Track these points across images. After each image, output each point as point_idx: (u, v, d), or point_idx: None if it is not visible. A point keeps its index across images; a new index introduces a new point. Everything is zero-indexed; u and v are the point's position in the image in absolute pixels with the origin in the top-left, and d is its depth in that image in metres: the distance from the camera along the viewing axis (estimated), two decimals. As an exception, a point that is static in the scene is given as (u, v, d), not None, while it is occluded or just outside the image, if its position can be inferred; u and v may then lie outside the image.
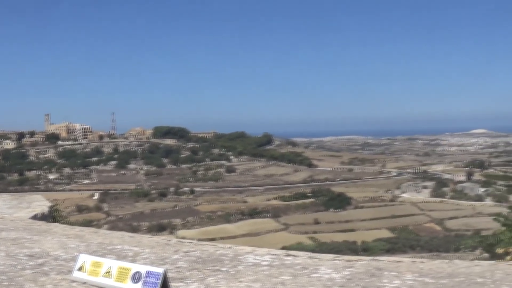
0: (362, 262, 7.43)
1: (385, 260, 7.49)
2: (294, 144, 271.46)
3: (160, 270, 5.95)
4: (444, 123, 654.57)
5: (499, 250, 7.83)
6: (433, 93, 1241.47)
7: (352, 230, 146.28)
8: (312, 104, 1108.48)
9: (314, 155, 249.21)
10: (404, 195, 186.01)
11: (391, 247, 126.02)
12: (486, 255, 8.12)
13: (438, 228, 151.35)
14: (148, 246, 8.97)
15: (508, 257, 7.64)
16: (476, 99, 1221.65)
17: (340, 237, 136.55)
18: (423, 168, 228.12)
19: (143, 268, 6.07)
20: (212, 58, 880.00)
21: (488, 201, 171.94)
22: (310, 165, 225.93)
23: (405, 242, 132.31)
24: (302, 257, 7.97)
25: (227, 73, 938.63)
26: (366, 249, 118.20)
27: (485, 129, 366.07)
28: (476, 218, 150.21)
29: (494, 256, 7.80)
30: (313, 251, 9.37)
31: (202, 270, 7.18)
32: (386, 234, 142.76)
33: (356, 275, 6.66)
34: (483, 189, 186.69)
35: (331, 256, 8.08)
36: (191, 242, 9.64)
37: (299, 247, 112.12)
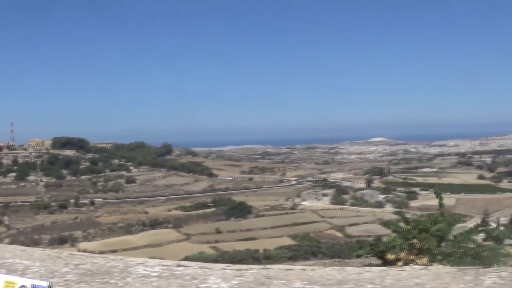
0: (252, 271, 7.26)
1: (275, 268, 7.35)
2: (194, 154, 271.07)
3: (44, 283, 5.64)
4: (343, 132, 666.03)
5: (390, 257, 7.81)
6: (332, 102, 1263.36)
7: (253, 239, 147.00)
8: (211, 114, 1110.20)
9: (214, 164, 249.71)
10: (304, 203, 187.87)
11: (293, 254, 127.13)
12: (378, 261, 8.07)
13: (339, 234, 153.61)
14: (39, 259, 8.62)
15: (400, 263, 7.62)
16: (375, 108, 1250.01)
17: (242, 246, 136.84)
18: (323, 176, 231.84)
19: (28, 282, 5.75)
20: (110, 67, 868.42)
21: (389, 207, 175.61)
22: (211, 175, 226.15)
23: (307, 249, 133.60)
24: (193, 267, 7.76)
25: (125, 82, 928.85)
26: (268, 257, 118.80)
27: (384, 138, 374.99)
28: (376, 224, 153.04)
29: (386, 263, 7.78)
30: (215, 260, 9.16)
31: (90, 283, 6.90)
32: (287, 241, 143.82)
33: (245, 284, 6.49)
34: (383, 196, 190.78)
35: (222, 265, 7.91)
36: (82, 255, 9.32)
37: (201, 257, 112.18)
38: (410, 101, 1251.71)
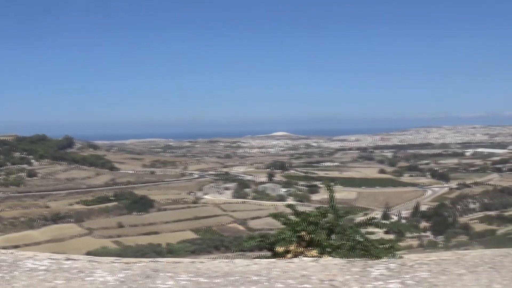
0: (141, 264, 7.14)
1: (164, 261, 7.25)
2: (95, 147, 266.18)
3: None
4: (245, 126, 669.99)
5: (279, 249, 7.82)
6: (234, 96, 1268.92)
7: (156, 233, 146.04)
8: (111, 107, 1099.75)
9: (116, 158, 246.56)
10: (206, 196, 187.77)
11: (196, 248, 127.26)
12: (268, 253, 8.07)
13: (241, 228, 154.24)
14: None
15: (289, 255, 7.64)
16: (277, 103, 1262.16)
17: (144, 240, 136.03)
18: (225, 170, 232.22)
19: None
20: (7, 59, 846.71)
21: (290, 201, 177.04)
22: (112, 168, 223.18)
23: (209, 242, 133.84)
24: (82, 260, 7.55)
25: (25, 74, 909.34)
26: (171, 251, 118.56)
27: (286, 132, 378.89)
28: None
29: (276, 255, 7.79)
30: (118, 255, 8.99)
31: (-24, 277, 6.66)
32: (190, 235, 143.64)
33: (131, 277, 6.36)
34: (284, 190, 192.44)
35: (111, 259, 7.73)
36: (-29, 250, 9.01)
37: (104, 251, 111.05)
38: (312, 96, 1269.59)
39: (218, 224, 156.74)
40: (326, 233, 7.87)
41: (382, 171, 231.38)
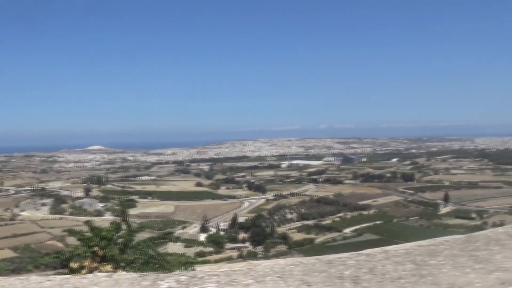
0: None
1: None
2: None
3: None
4: (61, 140, 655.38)
5: (74, 265, 7.74)
6: (50, 109, 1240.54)
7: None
8: None
9: None
10: (23, 213, 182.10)
11: (16, 267, 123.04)
12: (65, 270, 7.96)
13: (60, 245, 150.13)
14: None
15: (84, 271, 7.58)
16: (93, 117, 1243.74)
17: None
18: (41, 185, 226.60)
19: None
20: None
21: (108, 216, 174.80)
22: None
23: (29, 261, 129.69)
24: None
25: None
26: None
27: (102, 146, 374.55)
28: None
29: (72, 271, 7.70)
30: None
31: None
32: (9, 254, 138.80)
33: None
34: (102, 204, 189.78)
35: None
36: None
37: None
38: (127, 109, 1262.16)
39: (37, 242, 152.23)
40: (119, 248, 7.87)
41: (199, 184, 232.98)
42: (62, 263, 8.11)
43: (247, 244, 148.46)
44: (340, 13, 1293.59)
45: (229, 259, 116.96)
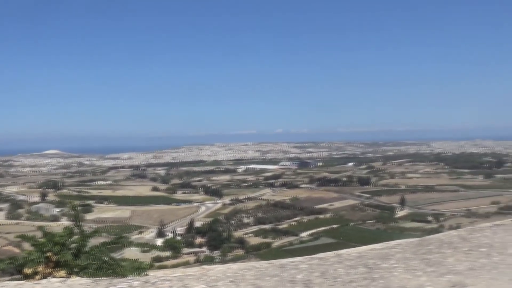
0: None
1: None
2: None
3: None
4: (18, 144, 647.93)
5: (28, 270, 7.69)
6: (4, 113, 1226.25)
7: None
8: None
9: None
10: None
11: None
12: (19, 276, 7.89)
13: (17, 250, 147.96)
14: None
15: (37, 277, 7.52)
16: (49, 120, 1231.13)
17: None
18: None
19: None
20: None
21: (64, 221, 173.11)
22: None
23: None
24: None
25: None
26: None
27: (58, 150, 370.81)
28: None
29: (26, 277, 7.64)
30: None
31: None
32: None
33: None
34: (58, 210, 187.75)
35: None
36: None
37: None
38: (84, 114, 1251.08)
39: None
40: (73, 253, 7.83)
41: (155, 189, 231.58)
42: (16, 269, 8.04)
43: (204, 248, 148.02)
44: (294, 13, 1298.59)
45: (186, 264, 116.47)
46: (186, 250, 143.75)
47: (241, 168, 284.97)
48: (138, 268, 7.65)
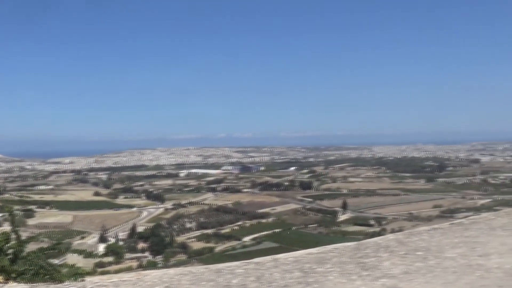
0: None
1: None
2: None
3: None
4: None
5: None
6: None
7: None
8: None
9: None
10: None
11: None
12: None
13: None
14: None
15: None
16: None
17: None
18: None
19: None
20: None
21: (6, 226, 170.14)
22: None
23: None
24: None
25: None
26: None
27: (0, 154, 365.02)
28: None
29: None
30: None
31: None
32: None
33: None
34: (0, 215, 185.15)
35: None
36: None
37: None
38: (24, 117, 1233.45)
39: None
40: (10, 258, 7.79)
41: (97, 194, 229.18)
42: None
43: (146, 254, 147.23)
44: (241, 17, 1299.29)
45: (129, 269, 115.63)
46: (128, 255, 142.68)
47: (183, 173, 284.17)
48: (75, 274, 7.64)
